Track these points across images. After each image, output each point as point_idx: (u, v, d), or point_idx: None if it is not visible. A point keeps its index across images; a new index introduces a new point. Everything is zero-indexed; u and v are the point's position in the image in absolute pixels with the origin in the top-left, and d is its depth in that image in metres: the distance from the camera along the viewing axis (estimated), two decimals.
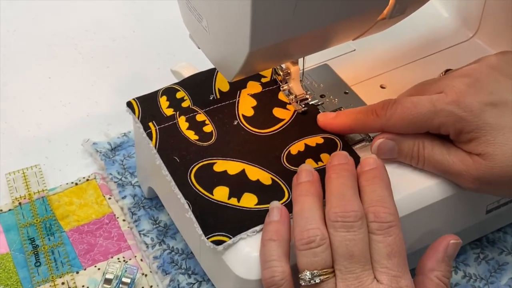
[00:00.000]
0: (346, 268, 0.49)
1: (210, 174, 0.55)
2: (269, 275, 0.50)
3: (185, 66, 0.65)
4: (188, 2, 0.52)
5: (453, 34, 0.68)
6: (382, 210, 0.50)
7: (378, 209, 0.50)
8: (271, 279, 0.50)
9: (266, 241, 0.51)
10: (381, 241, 0.49)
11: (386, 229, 0.50)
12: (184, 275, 0.61)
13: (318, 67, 0.65)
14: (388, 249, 0.49)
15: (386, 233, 0.50)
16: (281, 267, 0.50)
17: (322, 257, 0.49)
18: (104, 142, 0.71)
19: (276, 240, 0.50)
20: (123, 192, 0.67)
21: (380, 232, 0.50)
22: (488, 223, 0.61)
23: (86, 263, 0.61)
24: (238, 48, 0.48)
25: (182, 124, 0.59)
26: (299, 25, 0.47)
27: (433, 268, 0.52)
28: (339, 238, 0.49)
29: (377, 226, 0.50)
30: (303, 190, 0.52)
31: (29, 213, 0.64)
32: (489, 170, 0.52)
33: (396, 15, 0.52)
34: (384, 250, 0.49)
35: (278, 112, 0.60)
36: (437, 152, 0.54)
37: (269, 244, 0.51)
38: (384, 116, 0.55)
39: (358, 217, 0.50)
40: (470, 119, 0.52)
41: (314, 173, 0.53)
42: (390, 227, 0.50)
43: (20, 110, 0.75)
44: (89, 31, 0.84)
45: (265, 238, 0.51)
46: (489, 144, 0.52)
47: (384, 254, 0.49)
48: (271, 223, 0.52)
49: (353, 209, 0.50)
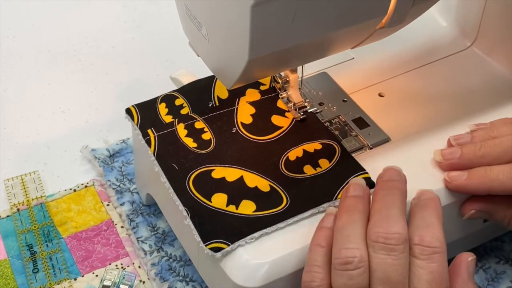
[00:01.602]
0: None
1: (208, 181, 0.55)
2: (309, 279, 0.49)
3: (184, 74, 0.65)
4: (187, 11, 0.52)
5: (451, 43, 0.68)
6: (429, 235, 0.48)
7: (425, 233, 0.48)
8: (309, 283, 0.48)
9: (313, 246, 0.50)
10: (423, 266, 0.47)
11: (430, 255, 0.47)
12: (182, 282, 0.61)
13: (316, 75, 0.65)
14: (429, 277, 0.47)
15: (429, 259, 0.47)
16: (322, 273, 0.48)
17: (358, 280, 0.47)
18: (103, 149, 0.71)
19: (324, 247, 0.49)
20: (121, 199, 0.67)
21: (424, 257, 0.47)
22: (486, 232, 0.61)
23: (84, 269, 0.61)
24: (237, 56, 0.48)
25: (180, 131, 0.59)
26: (298, 33, 0.47)
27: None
28: (378, 261, 0.47)
29: (421, 250, 0.47)
30: (350, 205, 0.50)
31: (27, 219, 0.64)
32: None
33: (394, 25, 0.52)
34: (426, 278, 0.47)
35: (276, 120, 0.60)
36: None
37: (316, 249, 0.49)
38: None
39: (402, 240, 0.47)
40: None
41: (366, 189, 0.51)
42: (434, 253, 0.47)
43: (19, 116, 0.75)
44: (89, 38, 0.84)
45: (313, 243, 0.50)
46: None
47: (424, 282, 0.47)
48: (322, 229, 0.50)
49: (397, 231, 0.47)
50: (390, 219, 0.48)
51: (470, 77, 0.66)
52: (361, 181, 0.52)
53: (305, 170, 0.56)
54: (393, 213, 0.48)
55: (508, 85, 0.64)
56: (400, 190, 0.50)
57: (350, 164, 0.56)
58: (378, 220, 0.48)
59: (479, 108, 0.62)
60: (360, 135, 0.60)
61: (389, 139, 0.60)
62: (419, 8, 0.52)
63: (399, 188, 0.50)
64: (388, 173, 0.51)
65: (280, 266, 0.52)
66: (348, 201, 0.50)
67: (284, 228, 0.53)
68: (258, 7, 0.44)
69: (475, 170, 0.53)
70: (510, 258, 0.62)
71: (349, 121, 0.61)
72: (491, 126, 0.56)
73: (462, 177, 0.53)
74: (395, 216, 0.48)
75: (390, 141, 0.60)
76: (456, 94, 0.64)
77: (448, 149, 0.55)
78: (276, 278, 0.51)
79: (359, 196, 0.50)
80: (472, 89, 0.64)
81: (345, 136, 0.60)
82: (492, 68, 0.66)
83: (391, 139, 0.60)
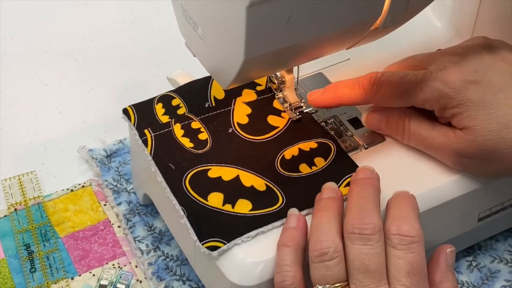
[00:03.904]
0: (360, 282, 0.48)
1: (204, 180, 0.56)
2: (280, 279, 0.50)
3: (181, 74, 0.66)
4: (184, 11, 0.52)
5: (446, 44, 0.68)
6: (406, 225, 0.49)
7: (402, 223, 0.49)
8: (282, 283, 0.50)
9: (280, 247, 0.51)
10: (401, 257, 0.48)
11: (408, 245, 0.49)
12: (178, 281, 0.61)
13: (312, 76, 0.66)
14: (408, 267, 0.48)
15: (408, 249, 0.49)
16: (292, 272, 0.49)
17: (335, 271, 0.48)
18: (100, 149, 0.71)
19: (290, 246, 0.50)
20: (118, 199, 0.67)
21: (402, 247, 0.49)
22: (480, 231, 0.62)
23: (81, 269, 0.62)
24: (233, 56, 0.48)
25: (177, 131, 0.59)
26: (293, 34, 0.48)
27: (442, 280, 0.51)
28: (354, 251, 0.49)
29: (399, 240, 0.49)
30: (324, 205, 0.52)
31: (25, 219, 0.65)
32: (470, 144, 0.53)
33: (388, 25, 0.52)
34: (404, 267, 0.48)
35: (272, 120, 0.60)
36: (422, 126, 0.56)
37: (282, 250, 0.51)
38: (370, 90, 0.56)
39: (376, 230, 0.49)
40: (453, 95, 0.53)
41: (338, 191, 0.53)
42: (412, 243, 0.49)
43: (17, 117, 0.76)
44: (86, 39, 0.85)
45: (280, 244, 0.51)
46: (471, 119, 0.53)
47: (403, 272, 0.48)
48: (287, 230, 0.52)
49: (371, 221, 0.49)
50: (365, 211, 0.50)
51: None
52: (333, 185, 0.54)
53: (301, 169, 0.57)
54: (367, 206, 0.51)
55: None
56: (373, 186, 0.52)
57: (345, 162, 0.57)
58: (353, 213, 0.50)
59: None
60: (355, 135, 0.60)
61: (384, 139, 0.60)
62: (413, 9, 0.53)
63: (372, 184, 0.53)
64: (362, 173, 0.54)
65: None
66: (322, 202, 0.53)
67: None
68: (253, 8, 0.44)
69: (327, 86, 0.59)
70: (504, 257, 0.63)
71: (344, 121, 0.61)
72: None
73: (318, 93, 0.58)
74: (369, 209, 0.50)
75: (385, 141, 0.60)
76: None
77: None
78: (271, 277, 0.52)
79: (332, 197, 0.53)
80: None
81: (341, 136, 0.60)
82: None
83: (386, 139, 0.60)
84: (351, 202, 0.52)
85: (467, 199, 0.57)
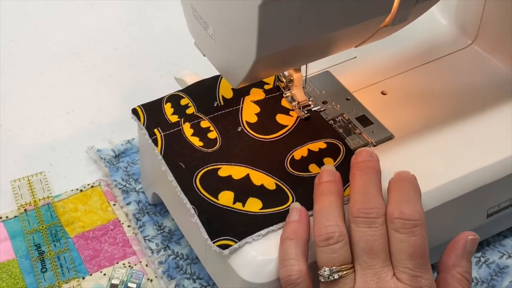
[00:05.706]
0: (366, 263, 0.49)
1: (215, 179, 0.56)
2: (286, 274, 0.50)
3: (188, 74, 0.66)
4: (194, 11, 0.53)
5: (452, 41, 0.69)
6: (409, 208, 0.50)
7: (405, 207, 0.50)
8: (288, 277, 0.50)
9: (284, 240, 0.51)
10: (404, 240, 0.49)
11: (411, 228, 0.50)
12: (189, 280, 0.62)
13: (320, 74, 0.66)
14: (411, 250, 0.49)
15: (410, 233, 0.49)
16: (298, 265, 0.50)
17: (341, 253, 0.50)
18: (108, 149, 0.71)
19: (293, 239, 0.51)
20: (127, 199, 0.68)
21: (405, 230, 0.50)
22: (489, 227, 0.62)
23: (92, 268, 0.62)
24: (244, 55, 0.49)
25: (187, 130, 0.59)
26: (304, 32, 0.48)
27: (454, 264, 0.52)
28: (360, 233, 0.50)
29: (402, 224, 0.50)
30: (324, 189, 0.53)
31: (35, 219, 0.65)
32: None
33: (398, 23, 0.53)
34: (407, 251, 0.49)
35: (281, 119, 0.61)
36: None
37: (286, 243, 0.51)
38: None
39: (380, 214, 0.50)
40: None
41: (336, 174, 0.54)
42: (415, 227, 0.50)
43: (24, 118, 0.76)
44: (92, 40, 0.85)
45: (283, 237, 0.52)
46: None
47: (406, 255, 0.49)
48: (290, 223, 0.52)
49: (375, 206, 0.51)
50: (369, 196, 0.51)
51: (471, 75, 0.66)
52: (331, 167, 0.55)
53: (310, 169, 0.57)
54: (370, 191, 0.52)
55: (509, 83, 0.65)
56: (374, 169, 0.53)
57: None
58: (358, 198, 0.52)
59: (480, 106, 0.63)
60: (364, 132, 0.61)
61: (392, 136, 0.60)
62: (422, 6, 0.53)
63: (373, 167, 0.53)
64: (361, 155, 0.54)
65: None
66: (322, 186, 0.53)
67: None
68: (265, 7, 0.44)
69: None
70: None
71: (352, 119, 0.62)
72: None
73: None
74: (372, 193, 0.52)
75: (393, 138, 0.60)
76: (458, 92, 0.65)
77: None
78: None
79: (331, 181, 0.53)
80: (473, 86, 0.65)
81: (349, 134, 0.61)
82: (493, 65, 0.67)
83: (395, 136, 0.60)
84: (355, 186, 0.53)
85: (476, 195, 0.58)
